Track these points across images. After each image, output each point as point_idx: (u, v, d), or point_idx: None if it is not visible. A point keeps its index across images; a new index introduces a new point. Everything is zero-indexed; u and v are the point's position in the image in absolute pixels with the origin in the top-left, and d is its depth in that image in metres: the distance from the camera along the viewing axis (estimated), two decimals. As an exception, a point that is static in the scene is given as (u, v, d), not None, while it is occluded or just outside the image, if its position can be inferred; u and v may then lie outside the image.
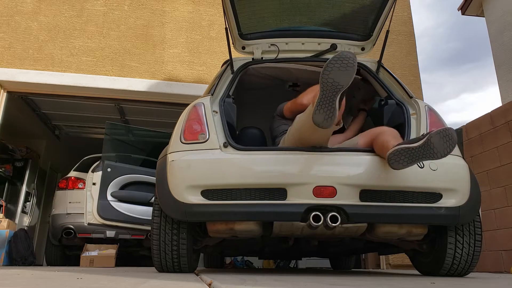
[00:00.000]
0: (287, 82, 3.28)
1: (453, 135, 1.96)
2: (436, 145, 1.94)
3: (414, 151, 1.97)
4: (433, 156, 1.96)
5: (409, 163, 1.99)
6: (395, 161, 2.00)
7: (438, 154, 1.96)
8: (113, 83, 5.68)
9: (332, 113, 1.95)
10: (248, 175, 2.13)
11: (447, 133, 1.94)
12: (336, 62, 1.89)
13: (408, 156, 1.98)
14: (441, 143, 1.94)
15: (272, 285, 1.59)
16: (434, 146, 1.94)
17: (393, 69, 5.54)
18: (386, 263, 5.68)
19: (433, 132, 1.96)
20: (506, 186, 4.68)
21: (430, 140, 1.94)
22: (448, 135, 1.94)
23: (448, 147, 1.95)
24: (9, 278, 1.94)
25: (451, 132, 1.96)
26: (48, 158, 8.70)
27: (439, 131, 1.95)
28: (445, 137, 1.94)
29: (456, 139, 1.99)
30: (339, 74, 1.89)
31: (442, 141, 1.93)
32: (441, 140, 1.94)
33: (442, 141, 1.93)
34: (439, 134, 1.94)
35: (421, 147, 1.95)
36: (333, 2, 2.96)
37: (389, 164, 2.03)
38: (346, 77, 1.90)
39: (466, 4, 9.48)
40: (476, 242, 2.37)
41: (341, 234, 2.31)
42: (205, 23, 6.28)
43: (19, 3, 5.91)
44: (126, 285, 1.52)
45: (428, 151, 1.94)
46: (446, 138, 1.94)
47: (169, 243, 2.33)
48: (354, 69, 1.92)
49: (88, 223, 4.90)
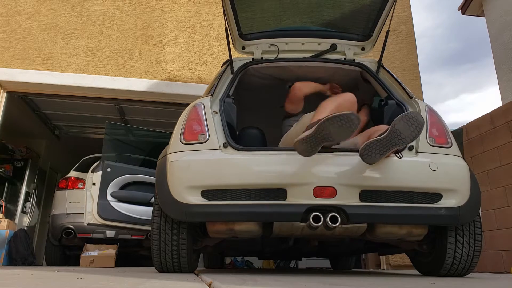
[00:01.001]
0: (287, 82, 3.27)
1: (417, 118, 1.98)
2: (402, 130, 1.97)
3: (382, 142, 2.00)
4: (402, 142, 1.99)
5: (380, 154, 2.02)
6: (367, 155, 2.03)
7: (407, 139, 1.99)
8: (113, 83, 5.68)
9: (312, 152, 2.03)
10: (248, 176, 2.13)
11: (410, 116, 1.97)
12: (341, 120, 1.94)
13: (378, 148, 2.00)
14: (406, 127, 1.97)
15: (272, 285, 1.59)
16: (400, 132, 1.97)
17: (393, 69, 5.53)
18: (386, 263, 5.68)
19: (396, 119, 1.99)
20: (506, 186, 4.68)
21: (395, 127, 1.98)
22: (411, 118, 1.96)
23: (414, 130, 1.98)
24: (9, 278, 1.94)
25: (414, 115, 1.99)
26: (48, 158, 8.70)
27: (402, 116, 1.98)
28: (409, 121, 1.96)
29: (422, 122, 2.01)
30: (339, 131, 1.96)
31: (407, 125, 1.97)
32: (406, 125, 1.97)
33: (407, 125, 1.97)
34: (403, 119, 1.97)
35: (387, 136, 1.99)
36: (333, 2, 2.96)
37: (363, 160, 2.06)
38: (343, 136, 1.99)
39: (466, 4, 9.48)
40: (476, 242, 2.37)
41: (341, 235, 2.31)
42: (205, 23, 6.28)
43: (19, 3, 5.91)
44: (126, 285, 1.52)
45: (396, 137, 1.98)
46: (411, 121, 1.96)
47: (169, 243, 2.33)
48: (353, 130, 2.00)
49: (88, 223, 4.89)
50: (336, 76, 3.13)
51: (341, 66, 3.02)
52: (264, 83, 3.25)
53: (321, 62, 3.03)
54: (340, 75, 3.11)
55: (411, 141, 2.00)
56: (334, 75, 3.13)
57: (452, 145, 2.35)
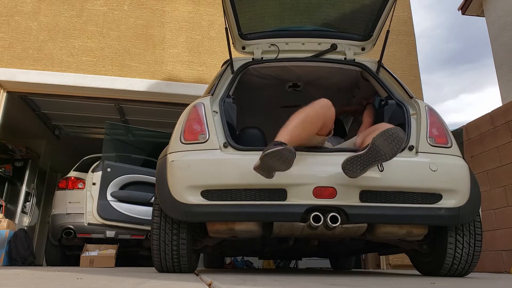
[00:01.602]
0: (287, 82, 3.28)
1: (396, 134, 1.96)
2: (382, 147, 1.95)
3: (363, 158, 1.98)
4: (382, 158, 1.98)
5: (361, 170, 2.01)
6: (349, 170, 2.03)
7: (386, 156, 1.98)
8: (113, 83, 5.68)
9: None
10: (248, 176, 2.13)
11: (390, 133, 1.95)
12: (276, 156, 1.92)
13: (359, 164, 2.00)
14: (385, 145, 1.95)
15: (272, 285, 1.59)
16: (380, 148, 1.95)
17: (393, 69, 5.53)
18: (386, 263, 5.68)
19: (376, 136, 1.97)
20: (506, 186, 4.68)
21: (375, 144, 1.96)
22: (391, 136, 1.95)
23: (394, 147, 1.96)
24: (9, 278, 1.94)
25: (393, 132, 1.97)
26: (48, 158, 8.70)
27: (382, 133, 1.96)
28: (388, 138, 1.95)
29: (402, 138, 1.99)
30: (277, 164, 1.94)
31: (387, 142, 1.95)
32: (385, 142, 1.95)
33: (387, 142, 1.95)
34: (382, 136, 1.95)
35: (367, 152, 1.97)
36: (333, 2, 2.96)
37: (345, 174, 2.05)
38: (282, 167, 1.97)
39: (466, 4, 9.49)
40: (476, 242, 2.37)
41: (341, 235, 2.31)
42: (205, 23, 6.28)
43: (19, 3, 5.91)
44: (126, 285, 1.52)
45: (375, 154, 1.97)
46: (390, 139, 1.94)
47: (169, 243, 2.32)
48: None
49: (88, 223, 4.89)
50: (337, 76, 3.13)
51: (341, 66, 3.02)
52: (265, 83, 3.25)
53: (321, 62, 3.03)
54: (340, 75, 3.11)
55: (391, 158, 1.99)
56: (334, 76, 3.13)
57: (452, 145, 2.35)
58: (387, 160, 2.00)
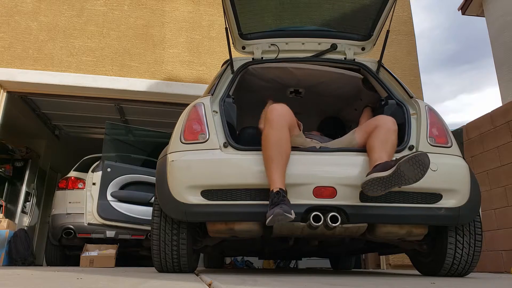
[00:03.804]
0: (288, 88, 3.26)
1: (423, 161, 1.92)
2: (406, 172, 1.92)
3: (385, 180, 1.96)
4: (406, 182, 1.96)
5: (384, 190, 1.99)
6: (370, 190, 2.01)
7: (410, 180, 1.95)
8: (113, 83, 5.68)
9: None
10: (248, 176, 2.13)
11: (417, 159, 1.91)
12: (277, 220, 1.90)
13: (381, 185, 1.98)
14: (411, 170, 1.92)
15: (272, 285, 1.59)
16: (405, 173, 1.92)
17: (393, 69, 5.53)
18: (386, 263, 5.68)
19: (402, 161, 1.94)
20: (506, 186, 4.67)
21: (400, 169, 1.93)
22: (417, 162, 1.91)
23: (419, 173, 1.92)
24: (9, 278, 1.94)
25: (420, 158, 1.92)
26: (48, 158, 8.70)
27: (408, 159, 1.92)
28: (415, 164, 1.91)
29: (428, 163, 1.94)
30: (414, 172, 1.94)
31: (412, 168, 1.91)
32: (411, 167, 1.92)
33: (412, 168, 1.91)
34: (409, 162, 1.92)
35: (391, 176, 1.95)
36: (333, 2, 2.96)
37: (365, 193, 2.04)
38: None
39: (466, 4, 9.49)
40: (476, 242, 2.37)
41: (341, 234, 2.30)
42: (205, 23, 6.28)
43: (19, 3, 5.91)
44: (126, 285, 1.52)
45: (399, 178, 1.94)
46: (416, 164, 1.91)
47: (169, 243, 2.32)
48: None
49: (88, 223, 4.90)
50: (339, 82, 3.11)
51: (343, 72, 3.00)
52: (267, 86, 3.24)
53: (321, 62, 3.03)
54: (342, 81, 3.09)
55: (414, 182, 1.96)
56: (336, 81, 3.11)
57: (452, 145, 2.35)
58: (410, 184, 1.96)
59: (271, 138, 2.14)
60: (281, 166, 2.07)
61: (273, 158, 2.07)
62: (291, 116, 2.29)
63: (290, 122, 2.26)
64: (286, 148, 2.14)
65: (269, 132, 2.17)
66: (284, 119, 2.22)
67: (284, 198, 1.96)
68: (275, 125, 2.18)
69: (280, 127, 2.18)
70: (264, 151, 2.14)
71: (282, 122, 2.20)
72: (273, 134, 2.15)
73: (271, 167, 2.06)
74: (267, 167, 2.08)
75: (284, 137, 2.16)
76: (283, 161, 2.09)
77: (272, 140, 2.13)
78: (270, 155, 2.09)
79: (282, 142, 2.13)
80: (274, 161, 2.07)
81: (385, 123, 2.33)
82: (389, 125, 2.31)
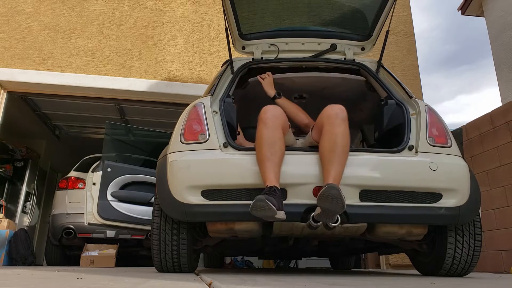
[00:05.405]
0: (292, 94, 3.26)
1: (330, 193, 1.87)
2: (328, 207, 1.91)
3: (323, 216, 1.97)
4: (336, 213, 1.95)
5: (331, 221, 1.99)
6: (326, 226, 2.04)
7: (337, 211, 1.94)
8: (113, 83, 5.68)
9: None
10: (248, 176, 2.13)
11: (327, 194, 1.88)
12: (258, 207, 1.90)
13: (327, 219, 1.98)
14: (330, 204, 1.89)
15: (272, 285, 1.59)
16: (329, 209, 1.92)
17: (393, 69, 5.54)
18: (386, 263, 5.68)
19: (317, 200, 1.92)
20: (506, 186, 4.68)
21: (322, 207, 1.93)
22: (328, 196, 1.88)
23: (337, 205, 1.89)
24: (9, 278, 1.94)
25: (328, 191, 1.88)
26: (48, 158, 8.71)
27: (319, 197, 1.90)
28: (327, 199, 1.88)
29: (336, 193, 1.88)
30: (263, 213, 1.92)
31: (329, 202, 1.89)
32: (328, 203, 1.89)
33: (329, 202, 1.89)
34: (321, 199, 1.90)
35: (322, 214, 1.96)
36: (333, 2, 2.96)
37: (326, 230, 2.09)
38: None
39: (466, 4, 9.48)
40: (476, 242, 2.37)
41: (341, 234, 2.31)
42: (205, 23, 6.28)
43: (19, 3, 5.91)
44: (126, 285, 1.52)
45: (329, 213, 1.94)
46: (329, 199, 1.88)
47: (169, 243, 2.33)
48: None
49: (88, 223, 4.90)
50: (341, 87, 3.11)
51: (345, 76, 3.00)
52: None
53: (320, 62, 3.03)
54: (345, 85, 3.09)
55: (342, 211, 1.94)
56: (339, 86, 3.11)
57: (452, 145, 2.35)
58: (341, 212, 1.96)
59: (265, 137, 2.14)
60: (276, 165, 2.07)
61: (268, 156, 2.07)
62: (284, 117, 2.31)
63: (283, 122, 2.27)
64: (281, 147, 2.14)
65: (263, 131, 2.17)
66: (277, 119, 2.23)
67: (275, 192, 1.95)
68: (269, 124, 2.19)
69: (274, 127, 2.19)
70: (257, 150, 2.14)
71: (276, 122, 2.21)
72: (267, 133, 2.16)
73: (265, 166, 2.06)
74: (261, 165, 2.08)
75: (278, 136, 2.16)
76: (278, 159, 2.09)
77: (266, 139, 2.13)
78: (264, 153, 2.09)
79: (276, 141, 2.13)
80: (269, 160, 2.07)
81: (329, 117, 2.24)
82: (332, 120, 2.21)
